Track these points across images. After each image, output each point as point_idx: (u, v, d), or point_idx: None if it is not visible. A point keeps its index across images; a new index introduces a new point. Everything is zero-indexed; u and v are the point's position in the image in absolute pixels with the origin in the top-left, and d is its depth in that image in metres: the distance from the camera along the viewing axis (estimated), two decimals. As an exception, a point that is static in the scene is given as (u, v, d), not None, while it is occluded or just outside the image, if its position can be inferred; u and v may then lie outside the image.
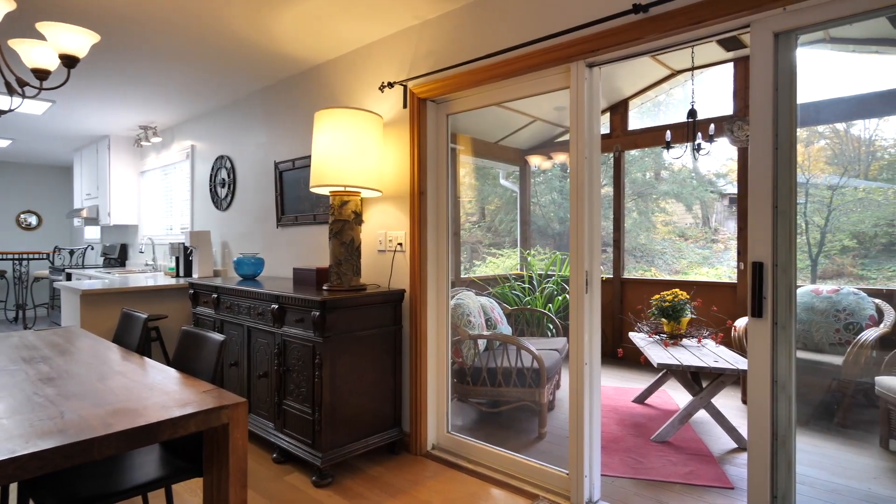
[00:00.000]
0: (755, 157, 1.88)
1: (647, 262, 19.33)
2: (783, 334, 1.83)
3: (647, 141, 5.41)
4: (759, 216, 1.85)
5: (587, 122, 2.34)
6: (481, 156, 5.85)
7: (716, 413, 3.22)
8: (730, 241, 20.72)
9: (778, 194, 1.84)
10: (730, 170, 20.92)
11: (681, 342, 3.73)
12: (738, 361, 3.17)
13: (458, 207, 5.49)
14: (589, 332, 2.35)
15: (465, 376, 3.40)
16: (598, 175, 2.39)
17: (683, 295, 3.86)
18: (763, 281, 1.82)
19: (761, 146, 1.86)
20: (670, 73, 5.18)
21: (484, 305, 4.08)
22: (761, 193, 1.85)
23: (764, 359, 1.84)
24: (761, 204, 1.85)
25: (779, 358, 1.84)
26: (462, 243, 18.53)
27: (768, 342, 1.83)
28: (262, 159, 4.18)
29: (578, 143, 2.34)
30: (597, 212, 2.37)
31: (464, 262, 16.33)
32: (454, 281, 5.33)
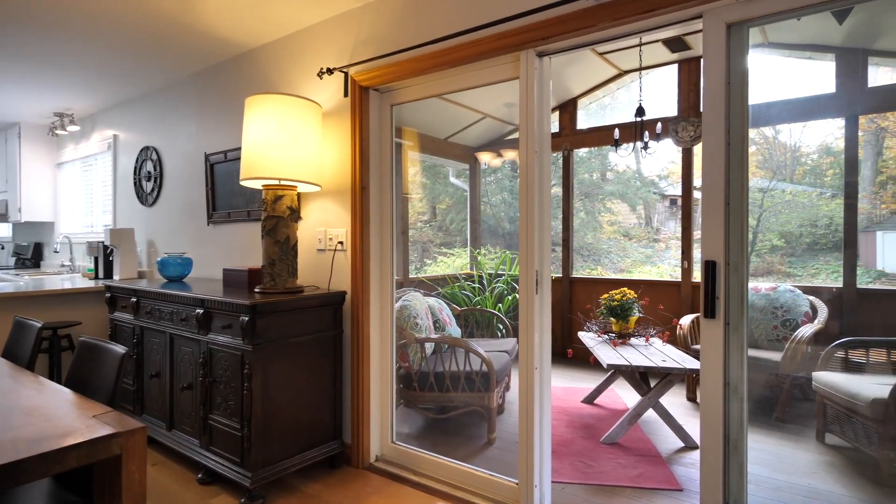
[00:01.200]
0: (708, 152, 1.81)
1: (593, 260, 19.83)
2: (735, 335, 1.78)
3: (594, 140, 5.43)
4: (711, 214, 1.78)
5: (537, 114, 2.23)
6: (430, 152, 5.70)
7: (663, 412, 3.21)
8: (671, 240, 21.54)
9: (730, 190, 1.78)
10: (671, 171, 21.72)
11: (629, 341, 3.72)
12: (686, 360, 3.17)
13: (406, 205, 5.31)
14: (539, 334, 2.24)
15: (412, 381, 3.24)
16: (548, 170, 2.28)
17: (631, 294, 3.85)
18: (716, 280, 1.75)
19: (714, 140, 1.80)
20: (618, 74, 5.21)
21: (432, 306, 3.93)
22: (714, 190, 1.79)
23: (716, 361, 1.78)
24: (714, 201, 1.78)
25: (731, 360, 1.79)
26: (412, 243, 18.31)
27: (721, 344, 1.77)
28: (191, 151, 3.85)
29: (528, 137, 2.23)
30: (547, 209, 2.27)
31: (414, 262, 16.15)
32: (402, 281, 5.15)
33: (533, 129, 2.22)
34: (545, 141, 2.27)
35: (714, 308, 1.76)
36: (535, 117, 2.22)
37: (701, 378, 1.83)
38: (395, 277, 2.93)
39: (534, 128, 2.22)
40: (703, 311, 1.79)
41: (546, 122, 2.27)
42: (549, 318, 2.29)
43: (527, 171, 2.24)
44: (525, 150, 2.24)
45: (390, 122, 2.81)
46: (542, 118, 2.25)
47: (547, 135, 2.28)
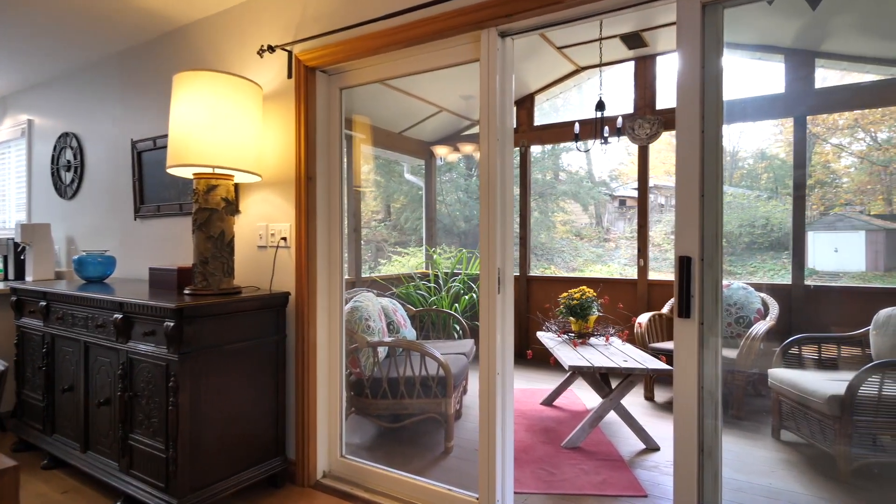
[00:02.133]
0: (683, 141, 1.70)
1: (547, 259, 20.08)
2: (710, 336, 1.67)
3: (552, 137, 5.35)
4: (685, 207, 1.66)
5: (499, 101, 2.06)
6: (384, 146, 5.46)
7: (625, 414, 3.12)
8: (620, 240, 22.08)
9: (705, 181, 1.67)
10: (621, 172, 22.26)
11: (588, 341, 3.63)
12: (647, 360, 3.09)
13: (359, 200, 5.06)
14: (501, 336, 2.07)
15: (364, 388, 3.01)
16: (510, 161, 2.12)
17: (590, 293, 3.77)
18: (690, 277, 1.64)
19: (688, 127, 1.69)
20: (575, 70, 5.15)
21: (385, 308, 3.71)
22: (688, 180, 1.67)
23: (690, 363, 1.67)
24: (688, 193, 1.67)
25: (705, 362, 1.68)
26: (366, 241, 18.00)
27: (695, 345, 1.65)
28: (116, 138, 3.47)
29: (490, 125, 2.06)
30: (509, 202, 2.10)
31: (368, 262, 15.81)
32: (353, 281, 4.90)
33: (495, 117, 2.05)
34: (507, 129, 2.11)
35: (689, 307, 1.64)
36: (496, 103, 2.05)
37: (674, 382, 1.71)
38: (346, 277, 2.70)
39: (496, 115, 2.05)
40: (677, 310, 1.66)
41: (508, 109, 2.11)
42: (512, 320, 2.12)
43: (488, 162, 2.06)
44: (487, 139, 2.06)
45: (339, 106, 2.58)
46: (505, 105, 2.09)
47: (509, 123, 2.11)
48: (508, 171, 2.11)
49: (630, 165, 22.93)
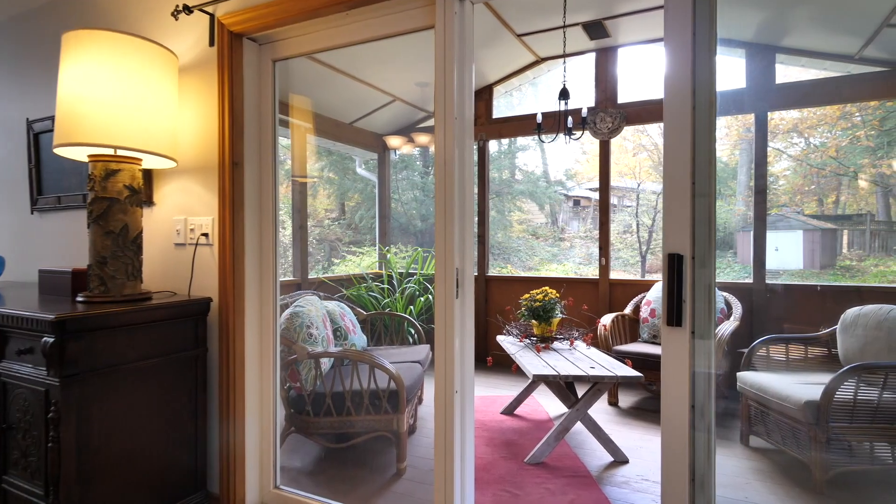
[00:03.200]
0: (672, 127, 1.46)
1: (503, 259, 20.03)
2: (703, 348, 1.43)
3: (511, 130, 5.12)
4: (675, 198, 1.42)
5: (457, 75, 1.77)
6: (333, 137, 5.08)
7: (591, 424, 2.90)
8: (575, 239, 22.33)
9: (696, 167, 1.43)
10: (576, 172, 22.50)
11: (552, 345, 3.40)
12: (615, 367, 2.88)
13: (305, 194, 4.67)
14: (460, 348, 1.78)
15: (305, 405, 2.65)
16: (470, 146, 1.83)
17: (553, 294, 3.54)
18: (682, 279, 1.39)
19: (679, 106, 1.44)
20: (535, 61, 4.94)
21: (332, 312, 3.35)
22: (678, 167, 1.43)
23: (681, 380, 1.42)
24: (678, 182, 1.42)
25: (697, 378, 1.44)
26: (320, 240, 17.36)
27: (687, 359, 1.41)
28: (9, 117, 2.96)
29: (446, 104, 1.76)
30: (469, 193, 1.82)
31: (321, 261, 15.25)
32: (299, 282, 4.50)
33: (451, 94, 1.76)
34: (467, 109, 1.81)
35: (679, 313, 1.39)
36: (454, 79, 1.76)
37: (662, 401, 1.46)
38: (291, 278, 2.34)
39: (452, 92, 1.76)
40: (666, 317, 1.42)
41: (468, 85, 1.82)
42: (472, 329, 1.83)
43: (444, 147, 1.77)
44: (443, 121, 1.76)
45: (272, 82, 2.22)
46: (464, 81, 1.80)
47: (469, 103, 1.82)
48: (468, 158, 1.82)
49: (585, 164, 23.21)
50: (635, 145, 15.96)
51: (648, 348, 3.83)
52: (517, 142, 20.82)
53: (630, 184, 15.68)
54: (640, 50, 4.73)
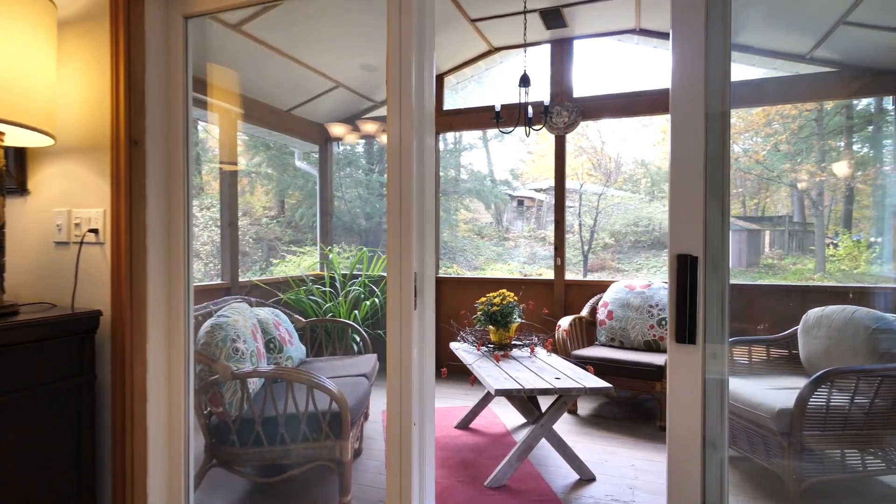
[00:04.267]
0: (681, 116, 1.21)
1: (449, 258, 19.82)
2: (716, 368, 1.19)
3: (464, 123, 4.84)
4: (685, 190, 1.17)
5: (416, 52, 1.45)
6: (268, 125, 4.60)
7: (556, 440, 2.66)
8: (519, 238, 22.45)
9: (708, 163, 1.19)
10: (522, 171, 22.62)
11: (511, 353, 3.14)
12: (581, 377, 2.65)
13: (235, 186, 4.17)
14: (420, 368, 1.46)
15: (229, 434, 2.24)
16: (431, 140, 1.52)
17: (512, 297, 3.29)
18: (695, 286, 1.14)
19: (690, 85, 1.19)
20: (489, 50, 4.68)
21: (264, 321, 2.94)
22: (689, 158, 1.18)
23: (693, 409, 1.17)
24: (689, 169, 1.18)
25: (709, 404, 1.19)
26: (258, 240, 16.41)
27: (700, 383, 1.16)
28: None
29: (402, 83, 1.44)
30: (430, 192, 1.50)
31: (259, 262, 14.35)
32: (229, 286, 4.01)
33: (409, 74, 1.43)
34: (427, 94, 1.50)
35: (693, 328, 1.14)
36: (412, 57, 1.43)
37: (669, 432, 1.21)
38: (219, 282, 1.93)
39: (410, 72, 1.44)
40: (674, 331, 1.16)
41: (428, 66, 1.50)
42: (433, 346, 1.52)
43: (400, 136, 1.44)
44: (398, 103, 1.44)
45: (184, 43, 1.80)
46: (424, 60, 1.48)
47: (429, 86, 1.51)
48: (429, 150, 1.50)
49: (531, 164, 23.41)
50: (576, 147, 16.20)
51: (607, 352, 3.66)
52: (462, 140, 20.70)
53: (572, 185, 15.90)
54: (596, 43, 4.58)
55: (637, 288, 4.00)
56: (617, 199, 20.17)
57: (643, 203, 20.30)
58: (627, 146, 24.79)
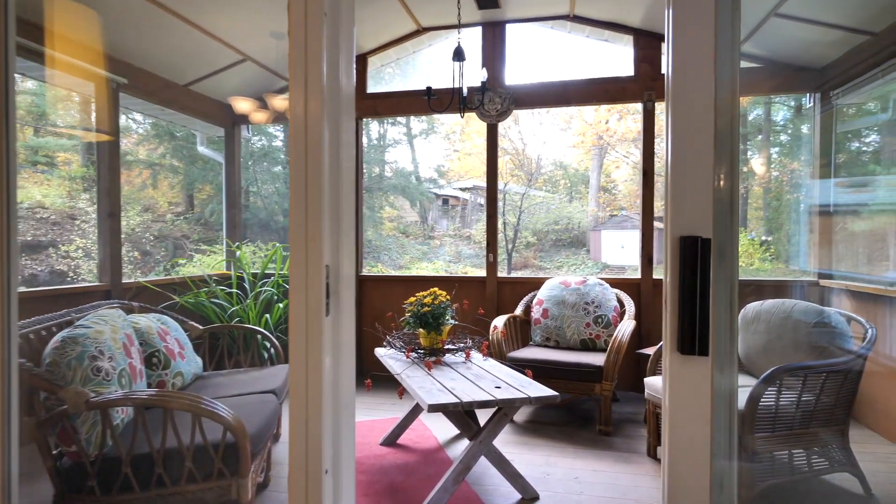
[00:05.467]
0: (683, 66, 0.92)
1: (374, 257, 19.28)
2: (725, 384, 0.92)
3: (390, 108, 4.46)
4: (690, 159, 0.89)
5: (330, 15, 1.07)
6: (163, 102, 3.95)
7: (496, 456, 2.36)
8: (444, 237, 22.31)
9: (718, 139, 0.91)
10: (447, 170, 22.48)
11: (444, 359, 2.81)
12: (524, 384, 2.37)
13: (117, 172, 3.50)
14: (334, 396, 1.08)
15: (87, 479, 1.72)
16: (350, 122, 1.15)
17: (444, 296, 2.97)
18: (706, 277, 0.86)
19: (700, 38, 0.91)
20: (416, 30, 4.33)
21: (145, 331, 2.40)
22: (693, 116, 0.89)
23: (700, 440, 0.89)
24: (695, 143, 0.89)
25: (719, 430, 0.92)
26: (161, 238, 14.93)
27: (709, 406, 0.88)
28: None
29: (308, 30, 1.05)
30: (348, 177, 1.13)
31: (163, 262, 13.02)
32: (109, 289, 3.36)
33: (318, 35, 1.05)
34: (343, 60, 1.13)
35: (704, 334, 0.85)
36: (322, 11, 1.05)
37: (667, 469, 0.93)
38: (95, 283, 1.41)
39: (319, 33, 1.06)
40: (678, 339, 0.88)
41: (345, 29, 1.14)
42: (353, 361, 1.14)
43: (306, 102, 1.05)
44: (303, 67, 1.05)
45: (-1, -50, 1.29)
46: (339, 19, 1.10)
47: (348, 60, 1.14)
48: (347, 134, 1.13)
49: (456, 162, 23.30)
50: (499, 148, 16.26)
51: (543, 353, 3.44)
52: (387, 136, 20.21)
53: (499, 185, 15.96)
54: (528, 30, 4.37)
55: (572, 284, 3.82)
56: (539, 199, 20.63)
57: (563, 203, 20.91)
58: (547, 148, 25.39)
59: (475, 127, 20.60)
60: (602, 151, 22.04)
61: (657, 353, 2.86)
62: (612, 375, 3.10)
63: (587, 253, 20.70)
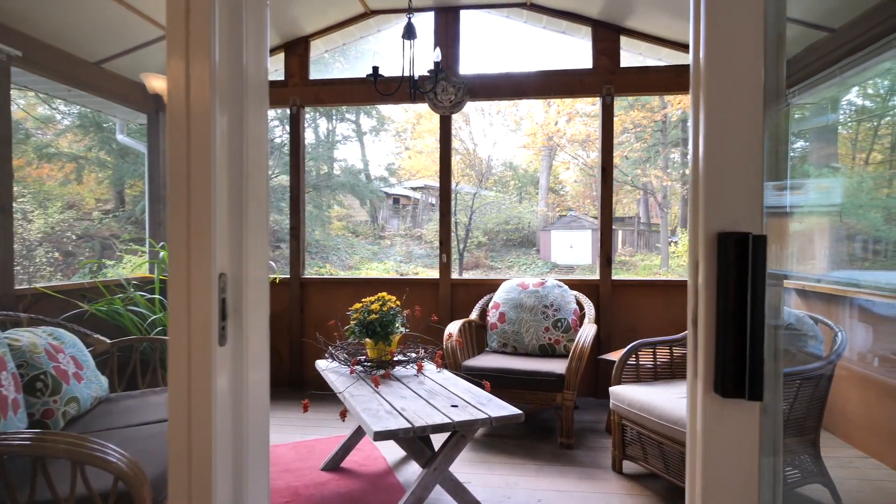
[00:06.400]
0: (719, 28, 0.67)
1: (321, 258, 18.65)
2: (770, 432, 0.68)
3: (334, 96, 4.11)
4: (731, 131, 0.64)
5: None
6: (73, 83, 3.43)
7: (452, 485, 2.09)
8: (395, 237, 21.95)
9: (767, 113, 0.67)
10: (398, 168, 22.12)
11: (393, 373, 2.52)
12: (483, 400, 2.12)
13: (8, 159, 2.98)
14: (235, 476, 0.76)
15: (-76, 551, 1.31)
16: (259, 111, 0.84)
17: (393, 301, 2.67)
18: (756, 286, 0.61)
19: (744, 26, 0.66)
20: (364, 13, 4.00)
21: (27, 350, 1.97)
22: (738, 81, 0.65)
23: None
24: (736, 113, 0.65)
25: (764, 494, 0.68)
26: (86, 237, 13.81)
27: (756, 462, 0.64)
28: None
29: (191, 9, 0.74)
30: (257, 170, 0.82)
31: (90, 265, 11.99)
32: None
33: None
34: (250, 32, 0.82)
35: (756, 369, 0.61)
36: None
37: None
38: None
39: None
40: (712, 375, 0.63)
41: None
42: (266, 408, 0.83)
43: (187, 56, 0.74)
44: (183, 39, 0.74)
45: None
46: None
47: (257, 21, 0.83)
48: (255, 124, 0.82)
49: (407, 161, 22.95)
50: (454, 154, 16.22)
51: (501, 361, 3.21)
52: (336, 132, 19.58)
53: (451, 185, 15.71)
54: (482, 18, 4.14)
55: (530, 286, 3.62)
56: (490, 199, 20.60)
57: (513, 203, 20.99)
58: (498, 149, 25.47)
59: (426, 126, 20.32)
60: (551, 153, 22.33)
61: (623, 359, 2.68)
62: (574, 384, 2.90)
63: (537, 253, 20.89)
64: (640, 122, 18.03)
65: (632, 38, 3.80)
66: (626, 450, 2.57)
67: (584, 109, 19.17)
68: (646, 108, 17.41)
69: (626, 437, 2.56)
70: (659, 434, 2.29)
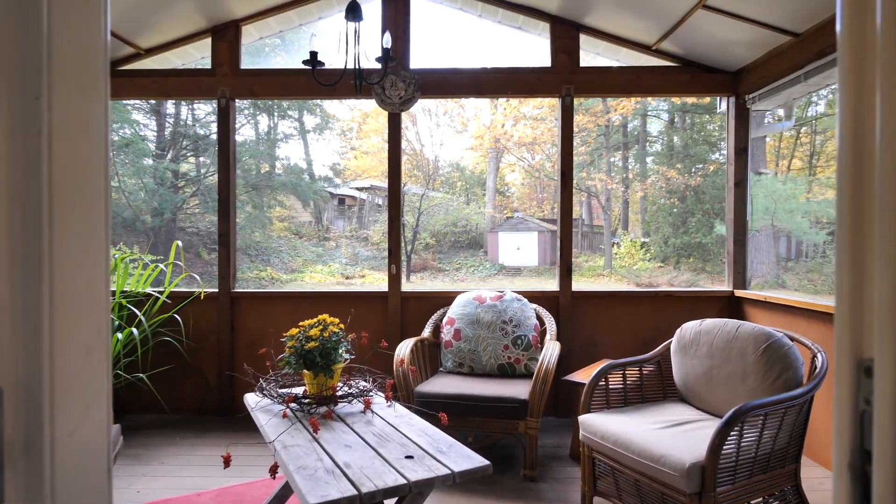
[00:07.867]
0: None
1: (262, 261, 17.63)
2: None
3: (268, 88, 3.67)
4: None
5: None
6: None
7: (407, 546, 1.76)
8: (341, 238, 21.17)
9: None
10: (343, 168, 21.37)
11: (336, 411, 2.16)
12: (444, 448, 1.80)
13: None
14: None
15: None
16: (95, 104, 0.48)
17: (336, 325, 2.31)
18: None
19: None
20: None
21: None
22: None
23: None
24: None
25: None
26: None
27: None
28: None
29: None
30: (93, 169, 0.46)
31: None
32: None
33: None
34: (75, 25, 0.46)
35: None
36: None
37: None
38: None
39: None
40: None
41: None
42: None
43: None
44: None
45: None
46: None
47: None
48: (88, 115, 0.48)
49: (353, 161, 22.22)
50: (403, 154, 15.92)
51: (457, 384, 2.91)
52: (278, 129, 18.68)
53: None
54: (434, 11, 3.83)
55: (487, 300, 3.34)
56: (437, 200, 20.31)
57: (461, 205, 20.80)
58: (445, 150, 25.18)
59: (373, 125, 19.79)
60: (498, 155, 22.37)
61: (592, 384, 2.44)
62: (539, 411, 2.65)
63: (485, 254, 20.83)
64: (585, 126, 18.34)
65: (591, 36, 3.61)
66: (597, 484, 2.33)
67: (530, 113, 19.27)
68: (590, 112, 17.72)
69: (597, 469, 2.32)
70: (635, 471, 2.06)
